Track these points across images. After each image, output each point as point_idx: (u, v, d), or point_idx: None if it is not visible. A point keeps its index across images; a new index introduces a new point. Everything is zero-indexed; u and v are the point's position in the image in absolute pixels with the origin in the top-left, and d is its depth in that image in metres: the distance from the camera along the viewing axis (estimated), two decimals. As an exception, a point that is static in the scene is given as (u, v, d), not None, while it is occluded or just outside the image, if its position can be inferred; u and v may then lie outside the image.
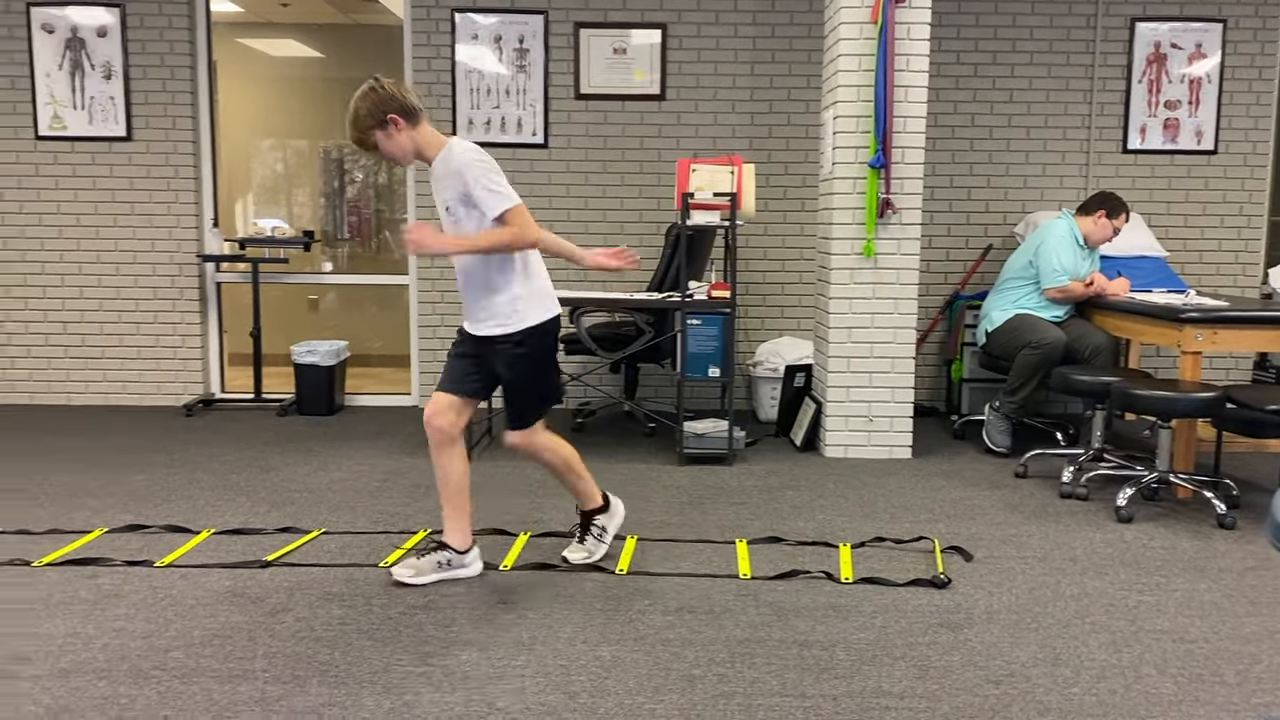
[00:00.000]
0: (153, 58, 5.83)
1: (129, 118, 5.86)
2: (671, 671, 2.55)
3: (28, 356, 6.01)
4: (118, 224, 5.95)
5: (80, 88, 5.83)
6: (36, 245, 5.95)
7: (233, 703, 2.36)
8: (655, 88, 5.85)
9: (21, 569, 3.22)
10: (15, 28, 5.80)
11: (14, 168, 5.90)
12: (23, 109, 5.85)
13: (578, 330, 5.11)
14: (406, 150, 2.98)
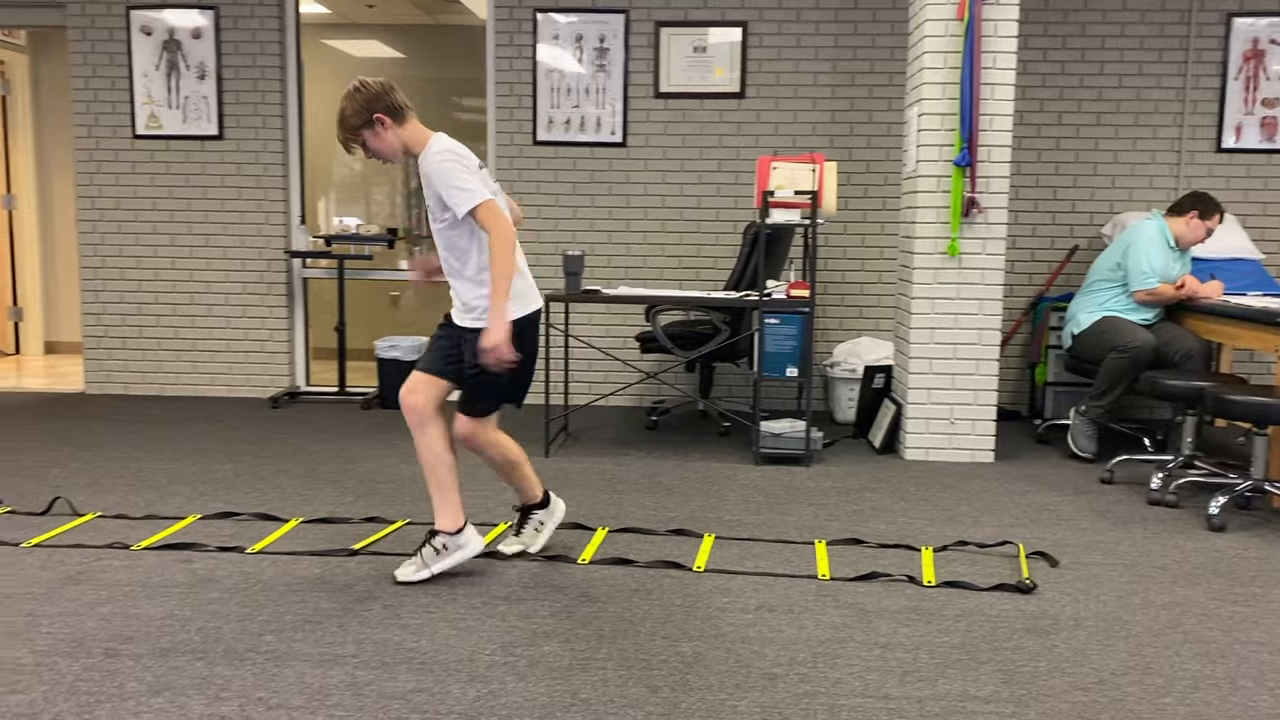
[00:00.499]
0: (244, 59, 6.00)
1: (221, 117, 6.03)
2: (752, 669, 2.55)
3: (123, 348, 6.22)
4: (209, 220, 6.13)
5: (175, 88, 6.02)
6: (132, 240, 6.16)
7: (324, 687, 2.42)
8: (735, 85, 5.84)
9: (121, 551, 3.34)
10: (116, 30, 6.00)
11: (113, 165, 6.11)
12: (121, 109, 6.06)
13: (653, 329, 5.13)
14: (395, 148, 3.02)
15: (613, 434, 5.28)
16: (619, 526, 3.70)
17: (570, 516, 3.81)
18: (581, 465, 4.61)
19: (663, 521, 3.77)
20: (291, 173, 6.14)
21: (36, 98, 7.69)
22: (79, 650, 2.60)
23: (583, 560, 3.32)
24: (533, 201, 5.99)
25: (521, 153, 5.96)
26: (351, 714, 2.29)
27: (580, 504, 3.99)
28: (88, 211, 6.16)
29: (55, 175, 7.74)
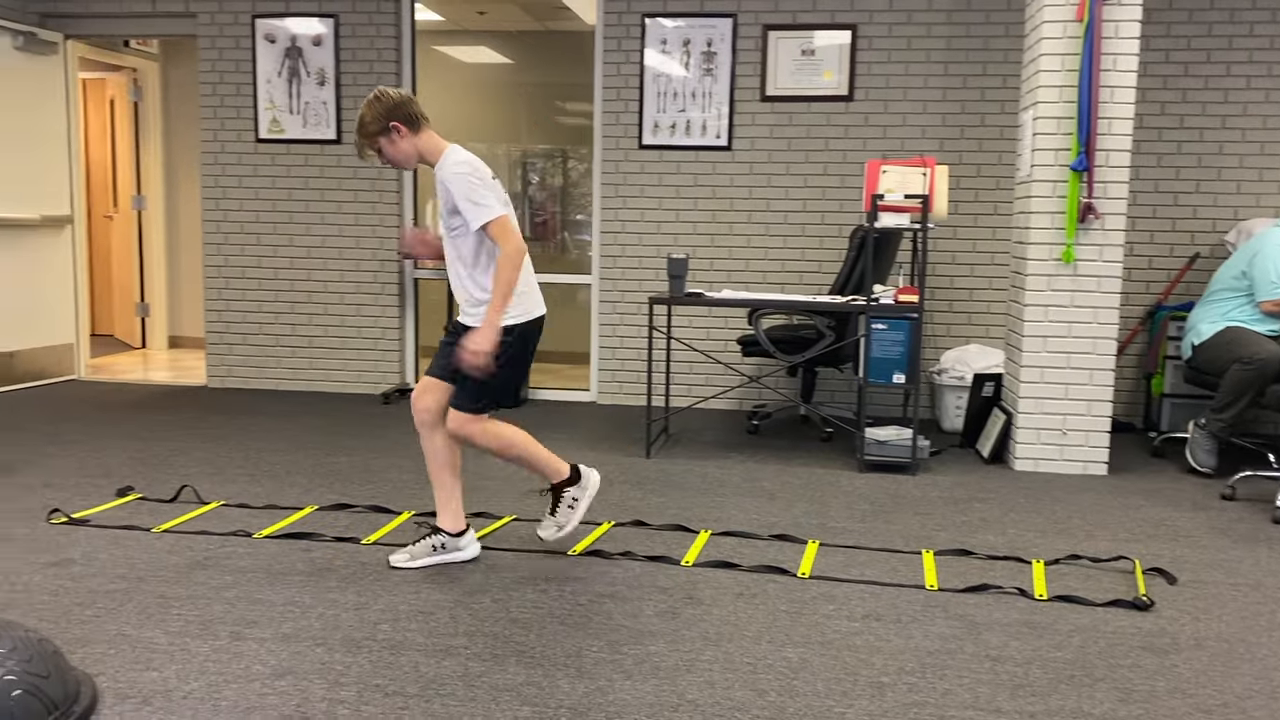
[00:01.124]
0: (362, 65, 6.19)
1: (339, 122, 6.23)
2: (860, 677, 2.53)
3: (243, 344, 6.48)
4: (326, 222, 6.33)
5: (296, 93, 6.25)
6: (253, 241, 6.41)
7: (438, 676, 2.49)
8: (843, 89, 5.79)
9: (244, 539, 3.49)
10: (242, 38, 6.26)
11: (236, 168, 6.37)
12: (245, 114, 6.31)
13: (756, 332, 5.12)
14: (409, 155, 3.12)
15: (713, 437, 5.29)
16: (722, 530, 3.71)
17: (672, 518, 3.84)
18: (682, 467, 4.63)
19: (766, 526, 3.77)
20: (405, 175, 6.30)
21: (166, 103, 8.05)
22: (207, 632, 2.72)
23: (686, 562, 3.34)
24: (636, 205, 6.04)
25: (627, 156, 6.02)
26: (464, 704, 2.35)
27: (682, 506, 4.01)
28: (212, 212, 6.43)
29: (181, 178, 8.10)
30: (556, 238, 7.85)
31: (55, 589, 3.01)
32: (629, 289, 6.11)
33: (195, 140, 8.00)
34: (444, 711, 2.31)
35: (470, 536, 3.32)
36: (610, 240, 6.10)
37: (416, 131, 3.11)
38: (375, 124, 3.08)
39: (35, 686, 2.18)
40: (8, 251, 6.17)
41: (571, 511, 3.35)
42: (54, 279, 6.53)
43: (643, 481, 4.37)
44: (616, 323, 6.15)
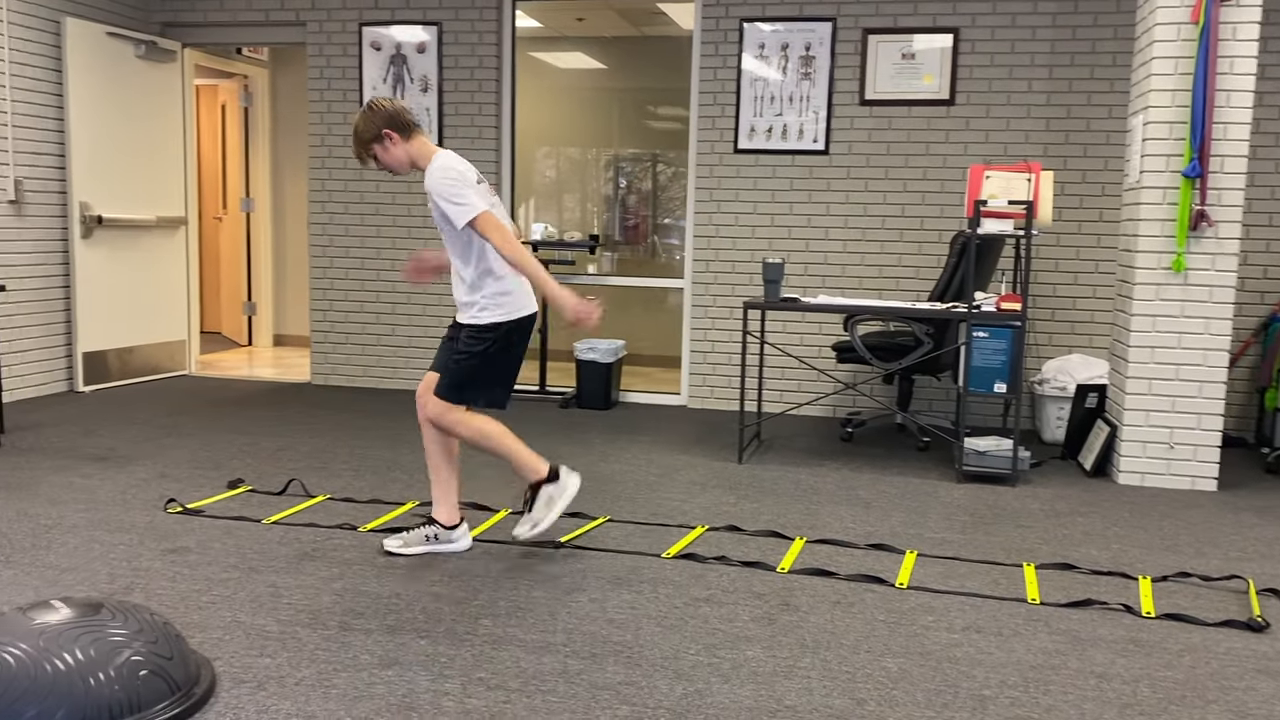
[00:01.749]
0: (463, 72, 6.32)
1: (440, 128, 6.36)
2: (961, 690, 2.50)
3: (346, 343, 6.66)
4: (426, 225, 6.48)
5: (400, 99, 6.38)
6: (357, 243, 6.58)
7: (539, 672, 2.53)
8: (944, 93, 5.71)
9: (349, 532, 3.59)
10: (349, 46, 6.44)
11: (341, 172, 6.55)
12: (352, 119, 6.48)
13: (851, 339, 5.08)
14: (402, 161, 3.26)
15: (806, 444, 5.26)
16: (817, 538, 3.69)
17: (766, 524, 3.83)
18: (775, 473, 4.61)
19: (862, 535, 3.74)
20: (503, 181, 6.41)
21: (274, 109, 8.32)
22: (316, 622, 2.81)
23: (782, 569, 3.34)
24: (731, 209, 6.04)
25: (722, 161, 6.02)
26: (564, 700, 2.39)
27: (776, 512, 4.00)
28: (318, 215, 6.63)
29: (288, 181, 8.36)
30: (646, 241, 7.89)
31: (173, 575, 3.14)
32: (721, 293, 6.12)
33: (302, 145, 8.26)
34: (545, 706, 2.35)
35: (463, 530, 3.45)
36: (703, 244, 6.11)
37: (408, 139, 3.26)
38: (369, 132, 3.24)
39: (160, 667, 2.29)
40: (127, 251, 6.45)
41: (547, 510, 3.38)
42: (168, 278, 6.80)
43: (735, 486, 4.37)
44: (708, 327, 6.16)
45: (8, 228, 5.75)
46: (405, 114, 3.26)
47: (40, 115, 5.91)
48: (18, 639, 2.22)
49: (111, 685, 2.19)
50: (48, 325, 6.04)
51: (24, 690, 2.13)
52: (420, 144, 3.27)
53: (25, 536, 3.48)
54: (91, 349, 6.25)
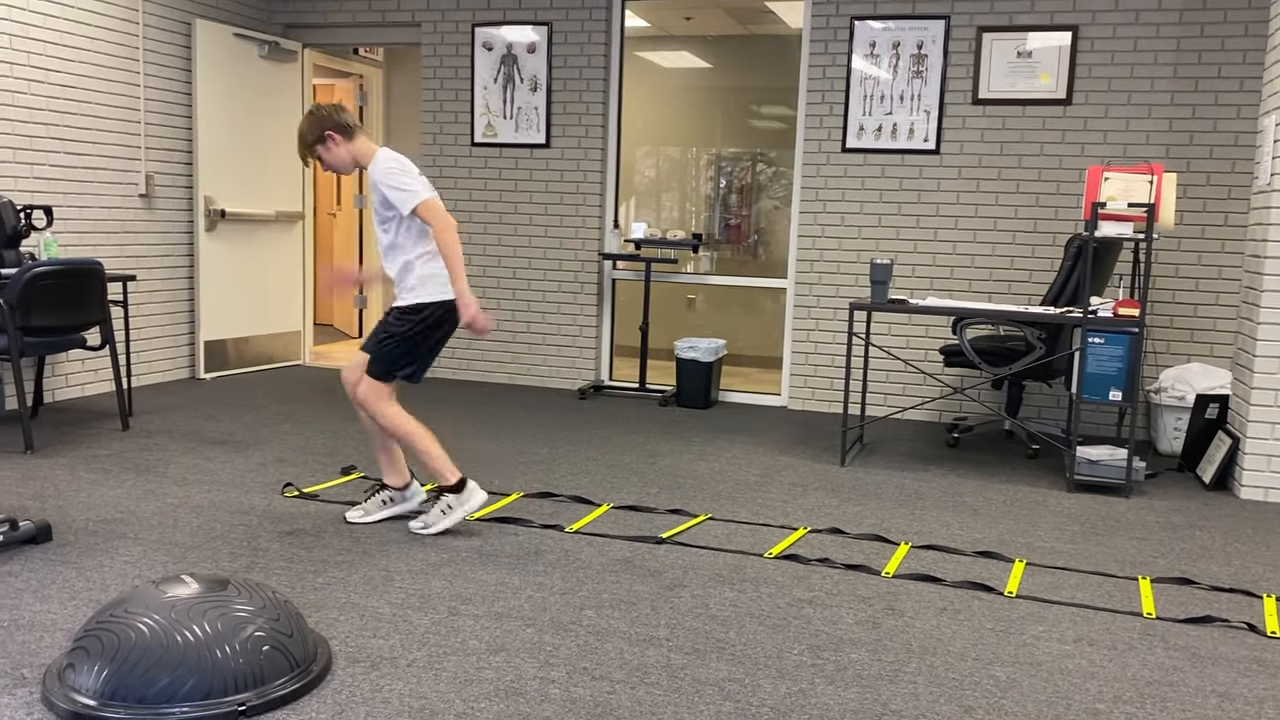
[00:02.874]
0: (572, 71, 6.39)
1: (548, 126, 6.46)
2: (1073, 702, 2.44)
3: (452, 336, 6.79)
4: (532, 223, 6.58)
5: (510, 99, 6.51)
6: (464, 239, 6.71)
7: (642, 665, 2.56)
8: (1060, 92, 5.56)
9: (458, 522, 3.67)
10: (461, 46, 6.58)
11: (452, 170, 6.70)
12: (463, 118, 6.63)
13: (960, 342, 4.98)
14: (345, 160, 3.48)
15: (910, 448, 5.18)
16: (922, 543, 3.64)
17: (870, 528, 3.79)
18: (879, 477, 4.56)
19: (969, 542, 3.67)
20: (608, 179, 6.47)
21: (388, 108, 8.55)
22: (426, 606, 2.89)
23: (886, 573, 3.30)
24: (837, 209, 5.99)
25: (829, 160, 5.97)
26: (668, 694, 2.40)
27: (879, 516, 3.95)
28: (428, 211, 6.78)
29: (399, 178, 8.56)
30: (748, 241, 7.86)
31: (290, 556, 3.26)
32: (825, 294, 6.07)
33: (414, 143, 8.46)
34: (649, 699, 2.37)
35: (415, 487, 3.69)
36: (808, 244, 6.07)
37: (350, 139, 3.47)
38: (312, 134, 3.45)
39: (281, 644, 2.38)
40: (247, 245, 6.70)
41: (443, 516, 3.51)
42: (285, 271, 7.04)
43: (838, 489, 4.34)
44: (811, 328, 6.12)
45: (138, 220, 6.03)
46: (346, 116, 3.47)
47: (170, 113, 6.19)
48: (151, 610, 2.33)
49: (236, 658, 2.29)
50: (173, 314, 6.32)
51: (157, 659, 2.24)
52: (362, 143, 3.49)
53: (153, 515, 3.65)
54: (212, 338, 6.51)
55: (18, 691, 2.32)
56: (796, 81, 6.12)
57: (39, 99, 5.34)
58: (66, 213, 5.56)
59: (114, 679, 2.23)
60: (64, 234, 5.53)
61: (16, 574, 3.03)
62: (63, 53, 5.45)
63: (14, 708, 2.25)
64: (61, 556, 3.19)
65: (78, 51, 5.54)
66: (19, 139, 5.25)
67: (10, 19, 5.16)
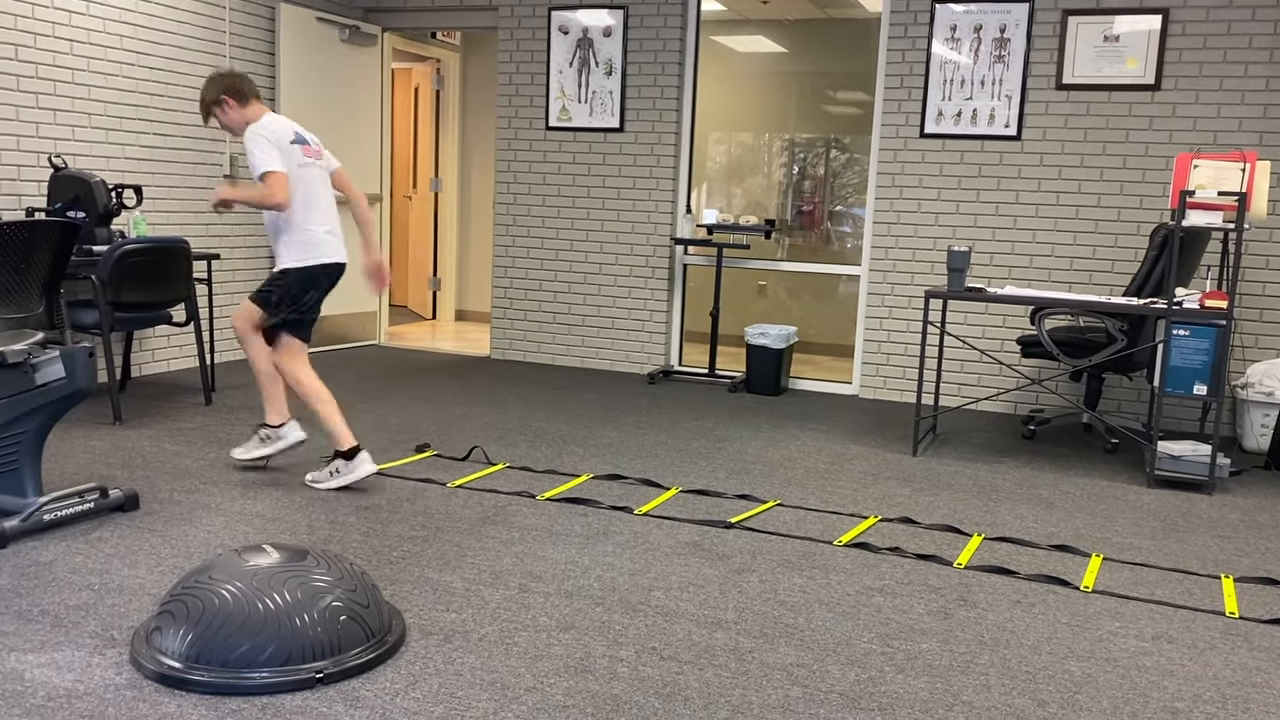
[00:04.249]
0: (647, 55, 6.38)
1: (623, 110, 6.46)
2: (1150, 700, 2.39)
3: (524, 320, 6.87)
4: (605, 207, 6.60)
5: (585, 83, 6.53)
6: (538, 223, 6.77)
7: (710, 647, 2.56)
8: (1149, 77, 5.40)
9: (528, 500, 3.72)
10: (538, 30, 6.61)
11: (527, 154, 6.75)
12: (538, 102, 6.67)
13: (1038, 332, 4.88)
14: (237, 123, 3.76)
15: (984, 439, 5.10)
16: (996, 535, 3.58)
17: (942, 518, 3.74)
18: (951, 468, 4.50)
19: (1044, 535, 3.61)
20: (681, 164, 6.46)
21: (464, 92, 8.63)
22: (498, 582, 2.93)
23: (959, 564, 3.26)
24: (914, 194, 5.90)
25: (906, 145, 5.88)
26: (736, 676, 2.41)
27: (952, 507, 3.90)
28: (503, 195, 6.85)
29: (474, 162, 8.66)
30: (820, 228, 7.79)
31: (366, 530, 3.33)
32: (900, 281, 5.99)
33: (488, 127, 8.54)
34: (717, 680, 2.38)
35: (292, 425, 3.96)
36: (884, 231, 5.99)
37: (244, 105, 3.77)
38: (209, 96, 3.77)
39: (358, 614, 2.43)
40: (326, 225, 6.82)
41: (330, 478, 3.77)
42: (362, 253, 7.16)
43: (909, 479, 4.29)
44: (884, 315, 6.05)
45: (223, 201, 6.18)
46: (243, 83, 3.77)
47: (255, 96, 6.32)
48: (234, 578, 2.40)
49: (314, 627, 2.35)
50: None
51: (239, 625, 2.31)
52: (254, 109, 3.77)
53: (234, 487, 3.75)
54: (292, 316, 6.65)
55: (108, 652, 2.41)
56: (873, 66, 6.04)
57: (130, 81, 5.50)
58: (155, 192, 5.72)
59: (198, 643, 2.30)
60: (152, 213, 5.70)
61: (106, 539, 3.15)
62: (154, 36, 5.61)
63: (104, 667, 2.34)
64: (148, 524, 3.30)
65: (167, 35, 5.69)
66: (111, 120, 5.42)
67: (105, 3, 5.32)
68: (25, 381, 3.17)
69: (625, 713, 2.22)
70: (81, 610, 2.63)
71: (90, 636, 2.48)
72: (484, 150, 8.58)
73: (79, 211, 4.75)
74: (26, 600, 2.68)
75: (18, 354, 3.16)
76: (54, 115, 5.15)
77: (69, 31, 5.17)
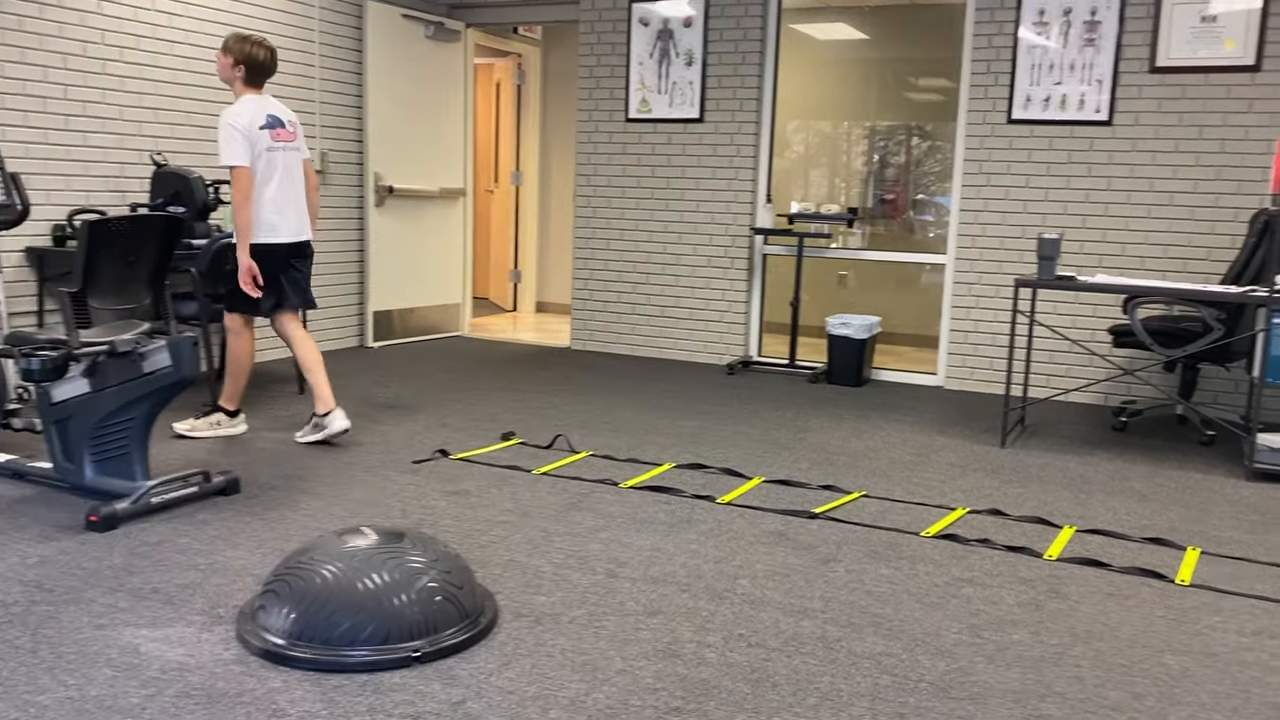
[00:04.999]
0: (728, 45, 6.37)
1: (703, 101, 6.46)
2: (1252, 695, 2.33)
3: (604, 311, 6.92)
4: (684, 198, 6.61)
5: (665, 74, 6.55)
6: (618, 215, 6.81)
7: (797, 635, 2.57)
8: (1249, 58, 5.22)
9: (611, 487, 3.76)
10: (618, 22, 6.64)
11: (607, 146, 6.79)
12: (618, 94, 6.71)
13: (1131, 322, 4.76)
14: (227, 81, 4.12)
15: (1074, 431, 5.00)
16: (1087, 527, 3.52)
17: (1032, 510, 3.69)
18: (1040, 459, 4.42)
19: (1137, 528, 3.53)
20: (761, 154, 6.44)
21: (544, 87, 8.72)
22: (585, 567, 2.98)
23: (1049, 556, 3.21)
24: (1001, 182, 5.80)
25: (994, 132, 5.78)
26: (824, 665, 2.42)
27: (1041, 499, 3.84)
28: (584, 188, 6.91)
29: (554, 156, 8.75)
30: (903, 216, 7.69)
31: (456, 515, 3.41)
32: (987, 270, 5.89)
33: (568, 121, 8.61)
34: (805, 668, 2.39)
35: (242, 418, 4.34)
36: (970, 219, 5.90)
37: (246, 85, 4.09)
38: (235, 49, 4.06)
39: (453, 595, 2.50)
40: (413, 220, 6.97)
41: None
42: (446, 246, 7.29)
43: (998, 471, 4.23)
44: (971, 305, 5.95)
45: (314, 196, 6.34)
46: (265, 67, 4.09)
47: (343, 93, 6.48)
48: (334, 558, 2.49)
49: (412, 607, 2.42)
50: (344, 285, 6.63)
51: (340, 604, 2.39)
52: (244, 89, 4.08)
53: (330, 472, 3.87)
54: (380, 308, 6.81)
55: (216, 629, 2.51)
56: (956, 52, 5.94)
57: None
58: (249, 188, 5.90)
59: (301, 621, 2.39)
60: (247, 208, 5.88)
61: (210, 522, 3.27)
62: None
63: (212, 643, 2.44)
64: (249, 508, 3.42)
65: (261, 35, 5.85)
66: (209, 118, 5.60)
67: (202, 4, 5.50)
68: (134, 370, 3.31)
69: (714, 697, 2.24)
70: (190, 589, 2.75)
71: (199, 614, 2.59)
72: (564, 144, 8.65)
73: (179, 207, 4.92)
74: (139, 579, 2.80)
75: (127, 344, 3.30)
76: (155, 114, 5.34)
77: (168, 33, 5.36)
